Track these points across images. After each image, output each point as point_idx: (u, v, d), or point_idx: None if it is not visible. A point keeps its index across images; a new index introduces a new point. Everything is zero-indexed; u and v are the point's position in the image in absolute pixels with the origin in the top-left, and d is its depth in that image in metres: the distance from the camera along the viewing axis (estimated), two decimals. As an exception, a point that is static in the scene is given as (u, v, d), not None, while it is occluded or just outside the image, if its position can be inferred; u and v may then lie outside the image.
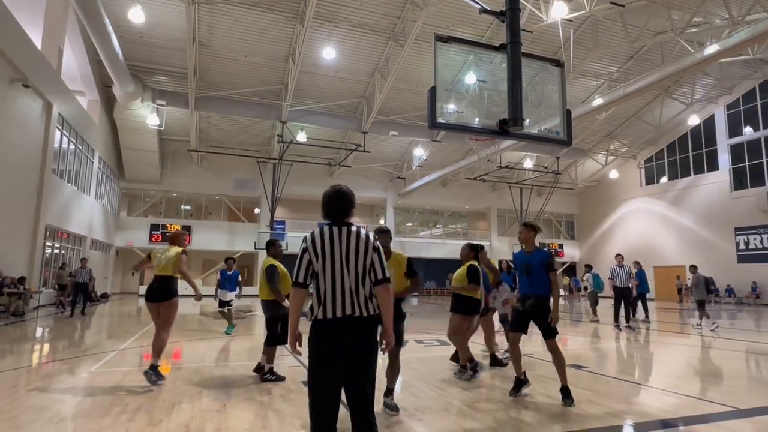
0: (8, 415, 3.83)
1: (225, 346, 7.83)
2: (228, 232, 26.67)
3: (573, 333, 10.24)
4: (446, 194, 30.90)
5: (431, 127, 3.96)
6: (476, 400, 4.47)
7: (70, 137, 16.96)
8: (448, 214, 35.10)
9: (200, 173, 26.14)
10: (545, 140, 4.37)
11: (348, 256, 2.39)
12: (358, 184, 28.92)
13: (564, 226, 35.17)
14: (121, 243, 24.92)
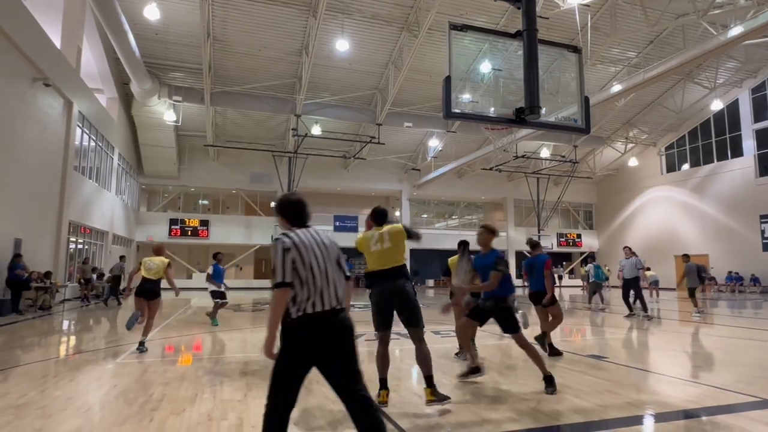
0: (39, 405, 3.96)
1: (245, 338, 7.95)
2: (245, 225, 26.98)
3: (591, 324, 10.15)
4: (462, 185, 30.72)
5: (446, 117, 3.93)
6: (497, 391, 4.47)
7: (91, 135, 17.28)
8: (464, 205, 34.91)
9: (217, 168, 26.43)
10: (563, 128, 4.31)
11: (327, 255, 2.59)
12: (373, 176, 28.94)
13: (582, 215, 34.71)
14: (142, 238, 25.40)
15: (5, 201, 11.41)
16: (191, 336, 8.12)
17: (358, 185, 29.11)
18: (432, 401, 3.95)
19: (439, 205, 34.56)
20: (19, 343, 7.27)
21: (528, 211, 32.16)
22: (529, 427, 3.46)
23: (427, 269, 30.85)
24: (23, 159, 12.22)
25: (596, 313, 12.22)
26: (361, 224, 28.39)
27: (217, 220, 26.72)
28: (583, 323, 10.14)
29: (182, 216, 26.43)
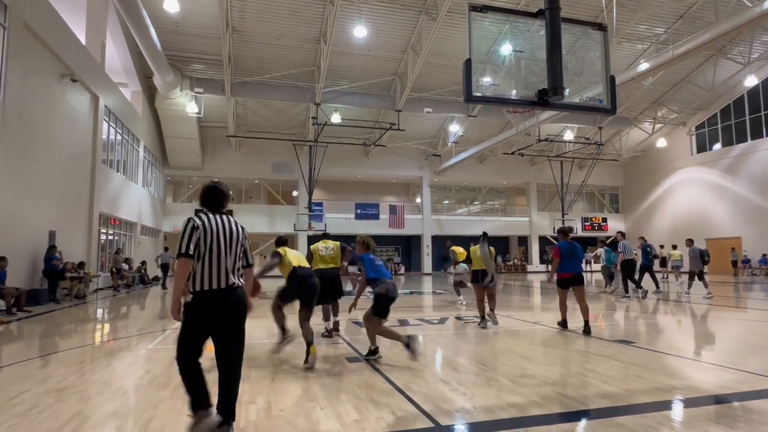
0: (78, 389, 4.14)
1: (270, 324, 8.10)
2: (268, 215, 27.34)
3: (617, 308, 10.00)
4: (483, 170, 30.40)
5: (467, 101, 3.88)
6: (520, 374, 4.46)
7: (117, 128, 17.68)
8: (486, 190, 34.55)
9: (239, 158, 26.76)
10: (588, 110, 4.21)
11: (230, 239, 2.96)
12: (393, 163, 28.87)
13: (608, 199, 33.99)
14: (169, 228, 26.00)
15: (40, 194, 11.82)
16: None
17: (378, 172, 29.09)
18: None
19: (461, 191, 34.31)
20: (57, 330, 7.58)
21: (551, 195, 31.66)
22: (554, 412, 3.45)
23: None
24: (55, 153, 12.61)
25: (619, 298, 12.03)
26: (383, 212, 28.42)
27: (240, 210, 27.13)
28: (609, 308, 10.00)
29: (207, 206, 26.98)
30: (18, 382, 4.36)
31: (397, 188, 33.07)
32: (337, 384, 4.19)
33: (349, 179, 30.26)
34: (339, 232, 27.30)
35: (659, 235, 28.15)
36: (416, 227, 29.37)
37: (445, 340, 6.40)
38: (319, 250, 6.54)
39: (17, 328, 7.91)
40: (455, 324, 7.87)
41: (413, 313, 9.68)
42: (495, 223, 30.66)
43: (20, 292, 9.71)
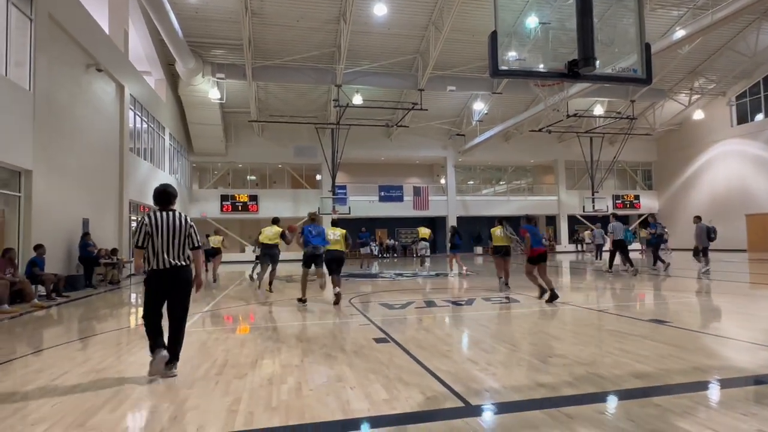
0: (116, 369, 4.32)
1: (297, 308, 8.27)
2: (292, 199, 27.63)
3: (650, 288, 9.79)
4: (509, 149, 29.91)
5: (493, 76, 3.79)
6: (549, 354, 4.43)
7: (142, 116, 18.04)
8: (512, 169, 34.05)
9: (262, 143, 27.01)
10: (621, 80, 4.06)
11: (173, 231, 4.13)
12: (416, 143, 28.66)
13: (640, 175, 33.05)
14: (195, 214, 26.57)
15: (73, 184, 12.23)
16: (247, 306, 8.53)
17: (401, 154, 28.96)
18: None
19: (486, 171, 33.88)
20: (95, 314, 7.90)
21: (581, 172, 30.96)
22: (586, 392, 3.42)
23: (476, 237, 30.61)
24: (84, 143, 12.97)
25: (657, 277, 11.76)
26: (407, 193, 28.35)
27: (265, 195, 27.49)
28: (640, 287, 9.80)
29: (232, 192, 27.37)
30: (60, 363, 4.58)
31: (421, 169, 32.88)
32: (365, 364, 4.25)
33: (372, 161, 30.22)
34: (363, 215, 27.46)
35: (696, 212, 27.27)
36: (441, 208, 29.23)
37: (472, 320, 6.41)
38: (329, 234, 8.55)
39: (57, 312, 8.28)
40: (482, 305, 7.86)
41: (440, 294, 9.70)
42: (522, 203, 30.23)
43: (58, 278, 10.13)
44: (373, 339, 5.27)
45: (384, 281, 13.26)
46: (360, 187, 28.58)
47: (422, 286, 11.62)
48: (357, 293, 10.08)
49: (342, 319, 6.84)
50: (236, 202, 26.83)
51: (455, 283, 12.14)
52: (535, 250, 8.30)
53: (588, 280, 11.83)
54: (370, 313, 7.16)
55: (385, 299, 8.90)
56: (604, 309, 6.93)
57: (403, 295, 9.82)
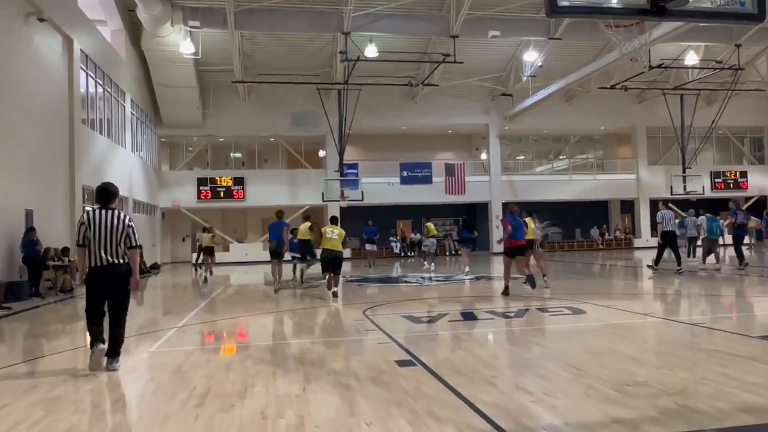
0: (71, 399, 4.42)
1: (298, 321, 8.33)
2: (289, 182, 27.82)
3: (758, 293, 9.59)
4: (572, 112, 29.50)
5: (550, 15, 3.72)
6: (627, 381, 4.38)
7: (97, 78, 18.28)
8: (575, 139, 33.62)
9: (249, 111, 27.19)
10: (722, 18, 3.94)
11: (110, 230, 5.26)
12: (449, 107, 28.46)
13: (748, 144, 32.34)
14: (167, 203, 26.97)
15: (12, 165, 12.47)
16: (234, 319, 8.62)
17: (429, 122, 28.82)
18: None
19: (541, 142, 33.53)
20: (43, 330, 8.10)
21: (667, 143, 30.43)
22: (679, 431, 3.37)
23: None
24: (24, 112, 13.21)
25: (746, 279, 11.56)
26: (438, 173, 28.23)
27: (254, 177, 27.72)
28: (741, 292, 9.61)
29: (212, 174, 27.69)
30: (0, 393, 4.69)
31: (455, 141, 32.70)
32: (386, 394, 4.26)
33: (391, 132, 30.14)
34: (380, 202, 27.49)
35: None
36: (482, 192, 29.08)
37: (524, 337, 6.38)
38: (327, 233, 10.49)
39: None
40: (538, 316, 7.80)
41: (482, 303, 9.66)
42: (588, 184, 29.85)
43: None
44: (395, 361, 5.28)
45: (408, 287, 13.21)
46: (376, 166, 28.58)
47: (458, 293, 11.58)
48: (373, 302, 10.10)
49: (354, 335, 6.86)
50: (217, 187, 27.15)
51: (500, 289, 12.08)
52: (512, 242, 10.15)
53: (675, 284, 11.65)
54: (391, 328, 7.17)
55: (409, 310, 8.90)
56: (698, 322, 6.82)
57: (432, 305, 9.79)
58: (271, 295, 11.87)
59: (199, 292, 13.81)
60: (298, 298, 11.71)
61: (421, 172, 28.20)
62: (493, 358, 5.38)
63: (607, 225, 32.71)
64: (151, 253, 23.86)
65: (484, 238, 30.14)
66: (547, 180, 30.54)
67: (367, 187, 25.87)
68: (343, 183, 24.64)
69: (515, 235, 10.26)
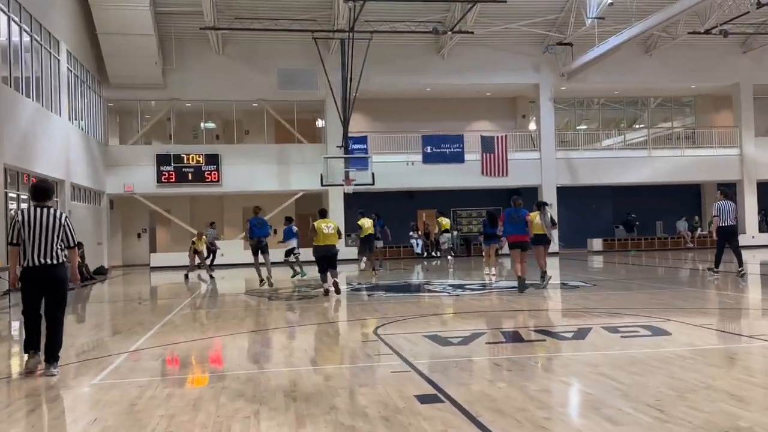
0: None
1: (288, 342, 8.32)
2: (277, 160, 27.83)
3: None
4: (652, 67, 29.27)
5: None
6: (725, 427, 4.32)
7: (22, 23, 18.31)
8: (656, 102, 33.37)
9: (224, 67, 27.22)
10: None
11: (46, 229, 6.34)
12: (487, 62, 28.30)
13: None
14: (116, 188, 27.04)
15: None
16: (205, 341, 8.63)
17: (461, 81, 28.71)
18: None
19: (609, 107, 33.29)
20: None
21: (782, 107, 30.20)
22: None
23: (595, 221, 30.22)
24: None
25: None
26: (471, 148, 28.10)
27: (232, 154, 27.74)
28: None
29: (176, 150, 27.69)
30: None
31: (495, 107, 32.54)
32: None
33: (410, 95, 30.03)
34: (396, 187, 27.45)
35: None
36: (529, 174, 28.98)
37: (587, 366, 6.31)
38: (323, 228, 13.10)
39: None
40: (605, 338, 7.72)
41: (531, 319, 9.59)
42: (674, 162, 29.56)
43: None
44: (416, 396, 5.25)
45: (432, 298, 13.18)
46: (390, 140, 28.51)
47: (498, 306, 11.52)
48: (387, 317, 10.09)
49: (363, 361, 6.83)
50: (183, 168, 27.13)
51: (556, 301, 11.97)
52: (511, 237, 12.73)
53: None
54: (410, 352, 7.14)
55: (434, 328, 8.86)
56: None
57: (465, 322, 9.72)
58: (256, 306, 11.84)
59: (156, 306, 13.85)
60: (289, 310, 11.70)
61: (450, 147, 28.17)
62: (545, 393, 5.32)
63: (700, 217, 32.46)
64: (95, 255, 24.00)
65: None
66: (618, 157, 30.29)
67: (379, 167, 25.84)
68: (348, 162, 24.62)
69: (513, 231, 12.78)
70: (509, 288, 14.22)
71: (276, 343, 8.31)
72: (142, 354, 7.79)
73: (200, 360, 7.49)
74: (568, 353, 7.02)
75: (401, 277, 18.65)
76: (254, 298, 14.13)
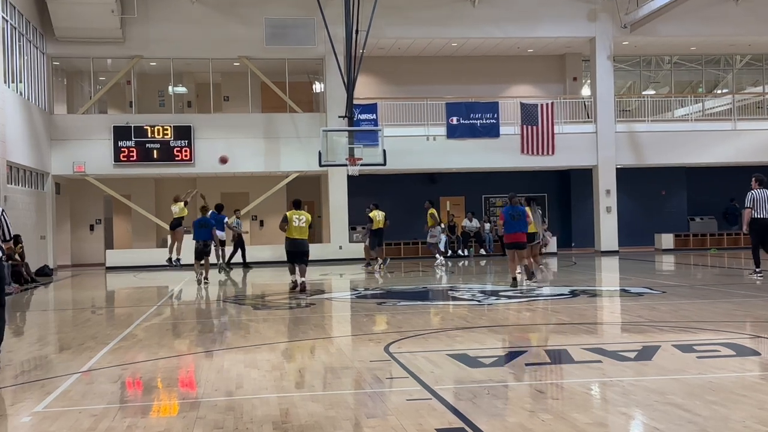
0: None
1: (278, 361, 8.33)
2: (264, 134, 27.81)
3: None
4: (739, 14, 29.11)
5: None
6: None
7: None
8: (743, 61, 33.16)
9: (199, 17, 27.24)
10: None
11: None
12: (528, 10, 28.29)
13: None
14: (64, 169, 27.04)
15: None
16: (175, 359, 8.66)
17: (496, 34, 28.67)
18: None
19: (684, 67, 33.13)
20: None
21: None
22: None
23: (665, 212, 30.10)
24: None
25: None
26: (508, 119, 28.04)
27: (207, 126, 27.72)
28: None
29: (138, 120, 27.69)
30: None
31: (539, 67, 32.42)
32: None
33: (432, 52, 29.98)
34: (414, 168, 27.45)
35: None
36: (582, 152, 28.95)
37: (655, 394, 6.28)
38: (293, 220, 15.10)
39: None
40: (676, 359, 7.71)
41: (582, 335, 9.58)
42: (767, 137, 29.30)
43: None
44: (437, 430, 5.26)
45: (459, 307, 13.24)
46: (407, 109, 28.41)
47: (541, 318, 11.51)
48: (401, 331, 10.13)
49: (372, 386, 6.84)
50: (147, 142, 27.10)
51: (614, 313, 11.94)
52: (510, 236, 15.00)
53: None
54: (432, 375, 7.14)
55: (460, 345, 8.87)
56: None
57: (499, 337, 9.74)
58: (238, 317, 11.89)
59: (113, 316, 13.92)
60: (279, 322, 11.73)
61: (482, 118, 28.09)
62: (600, 428, 5.32)
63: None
64: (38, 251, 24.07)
65: (587, 223, 29.97)
66: (695, 131, 30.11)
67: (392, 143, 25.81)
68: (353, 137, 24.55)
69: (514, 229, 14.98)
70: (555, 296, 14.22)
71: (263, 363, 8.32)
72: (97, 375, 7.82)
73: (169, 383, 7.50)
74: (629, 377, 6.99)
75: (419, 281, 18.63)
76: (236, 307, 14.16)
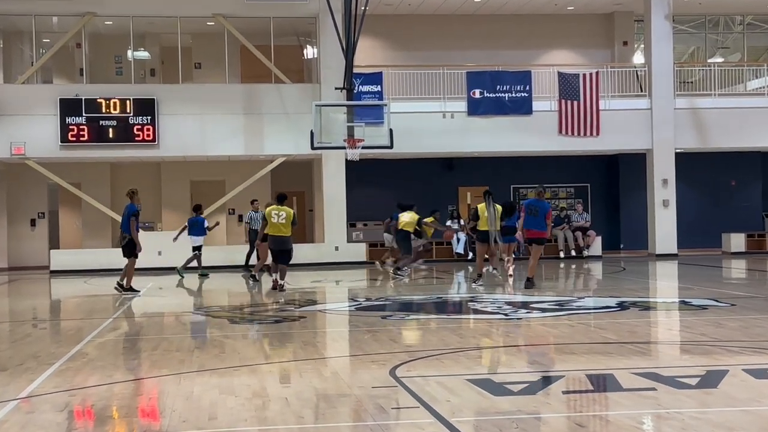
0: None
1: (259, 385, 8.37)
2: (244, 109, 27.88)
3: None
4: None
5: None
6: None
7: None
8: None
9: (164, -35, 27.27)
10: None
11: None
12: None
13: None
14: (3, 151, 27.09)
15: None
16: (134, 383, 8.70)
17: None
18: None
19: (760, 29, 33.14)
20: None
21: None
22: None
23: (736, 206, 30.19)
24: None
25: None
26: (542, 92, 28.07)
27: (174, 99, 27.76)
28: None
29: (91, 92, 27.70)
30: None
31: (581, 29, 32.48)
32: None
33: (450, 9, 30.03)
34: (426, 152, 27.54)
35: None
36: (634, 131, 29.10)
37: (722, 429, 6.29)
38: (272, 216, 17.49)
39: None
40: (748, 387, 7.73)
41: (630, 358, 9.62)
42: None
43: None
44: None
45: (480, 322, 13.34)
46: (419, 80, 28.43)
47: (581, 336, 11.56)
48: (410, 351, 10.21)
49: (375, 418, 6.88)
50: (102, 119, 27.10)
51: (672, 330, 11.97)
52: (529, 232, 16.88)
53: None
54: (448, 405, 7.17)
55: (482, 368, 8.91)
56: None
57: (530, 359, 9.78)
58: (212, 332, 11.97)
59: (63, 329, 13.98)
60: (262, 338, 11.77)
61: (511, 91, 28.12)
62: None
63: None
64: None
65: (638, 221, 30.00)
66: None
67: (400, 120, 25.78)
68: (353, 113, 24.55)
69: (529, 225, 17.04)
70: (599, 309, 14.22)
71: (242, 389, 8.35)
72: (39, 402, 7.86)
73: (126, 412, 7.54)
74: (690, 408, 7.01)
75: (432, 290, 18.67)
76: (210, 320, 14.20)
